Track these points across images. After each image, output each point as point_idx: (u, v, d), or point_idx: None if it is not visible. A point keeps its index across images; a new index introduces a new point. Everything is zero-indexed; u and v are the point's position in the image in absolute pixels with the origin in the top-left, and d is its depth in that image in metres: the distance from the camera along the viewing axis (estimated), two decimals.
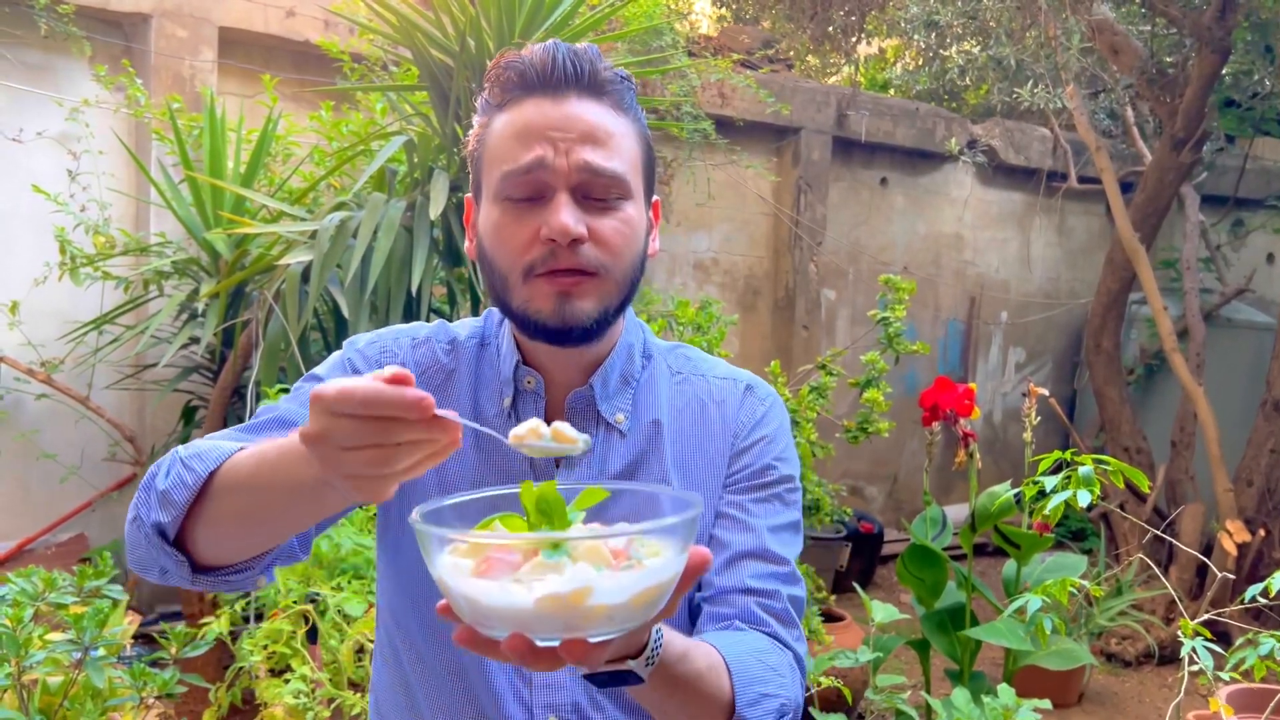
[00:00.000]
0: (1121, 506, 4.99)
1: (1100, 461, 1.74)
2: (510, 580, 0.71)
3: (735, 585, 1.08)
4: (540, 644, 0.72)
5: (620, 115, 1.06)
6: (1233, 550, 4.38)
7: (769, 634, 1.07)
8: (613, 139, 1.04)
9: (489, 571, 0.71)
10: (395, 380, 0.74)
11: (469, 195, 1.14)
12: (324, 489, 0.84)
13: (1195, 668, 1.52)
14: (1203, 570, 4.68)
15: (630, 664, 0.84)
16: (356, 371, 1.14)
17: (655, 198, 1.14)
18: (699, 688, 0.94)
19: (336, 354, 1.18)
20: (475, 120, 1.10)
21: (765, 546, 1.10)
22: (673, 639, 0.90)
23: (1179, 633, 1.58)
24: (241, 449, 0.94)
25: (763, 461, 1.14)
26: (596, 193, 1.03)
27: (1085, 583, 1.83)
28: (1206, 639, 1.53)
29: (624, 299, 1.07)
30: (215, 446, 0.96)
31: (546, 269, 1.01)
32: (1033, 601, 1.65)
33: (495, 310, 1.18)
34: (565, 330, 1.03)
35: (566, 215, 1.00)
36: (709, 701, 0.95)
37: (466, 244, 1.14)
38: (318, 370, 1.16)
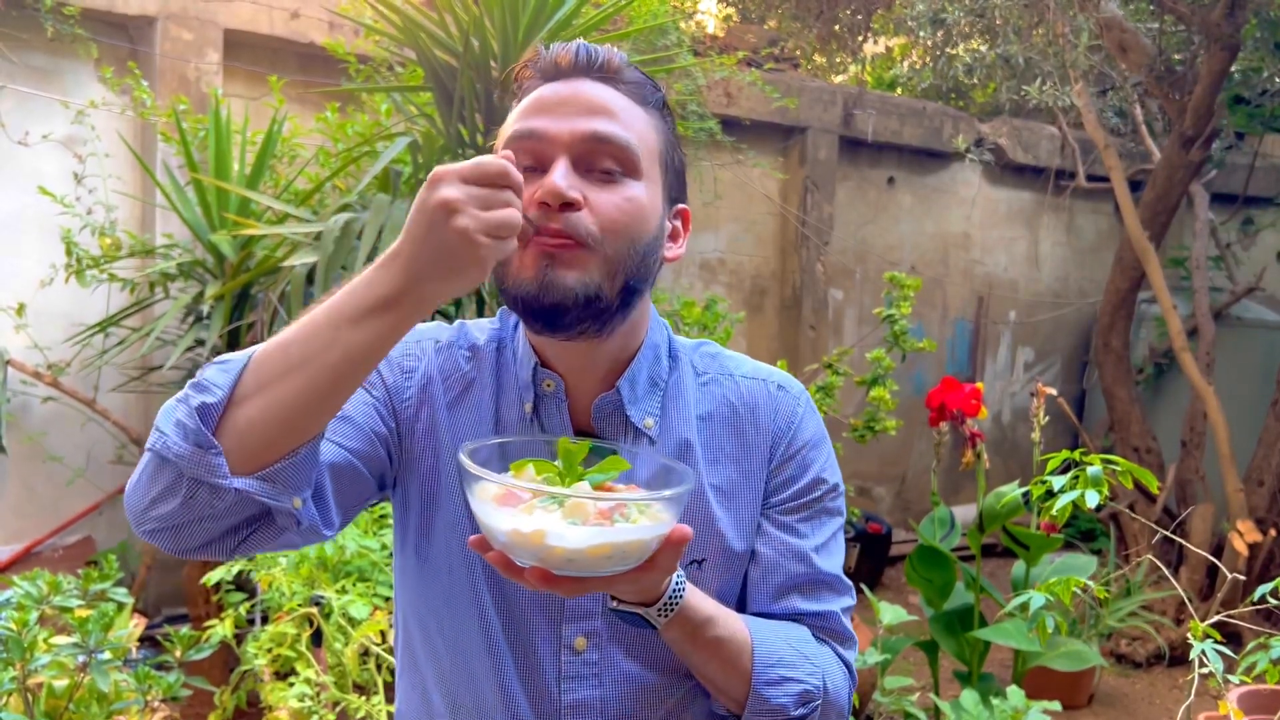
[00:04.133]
0: (1131, 507, 4.96)
1: (1109, 461, 1.72)
2: (506, 510, 0.86)
3: (788, 612, 1.10)
4: (519, 563, 0.87)
5: (638, 106, 1.04)
6: (1244, 550, 4.36)
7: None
8: (622, 114, 1.02)
9: (505, 502, 0.86)
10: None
11: None
12: (396, 304, 0.87)
13: (1205, 670, 1.51)
14: (1214, 571, 4.65)
15: (642, 610, 0.96)
16: (384, 377, 1.11)
17: (684, 206, 1.11)
18: (717, 652, 1.01)
19: None
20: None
21: (817, 568, 1.11)
22: (701, 603, 1.00)
23: (1189, 634, 1.56)
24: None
25: (809, 476, 1.12)
26: (600, 164, 0.99)
27: (1090, 583, 1.81)
28: (1216, 641, 1.51)
29: (622, 287, 1.00)
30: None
31: (534, 233, 0.96)
32: (1035, 598, 1.64)
33: (509, 311, 1.14)
34: (545, 305, 0.97)
35: (559, 177, 0.96)
36: (729, 669, 1.02)
37: None
38: None
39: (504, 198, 0.86)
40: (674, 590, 0.97)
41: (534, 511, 0.85)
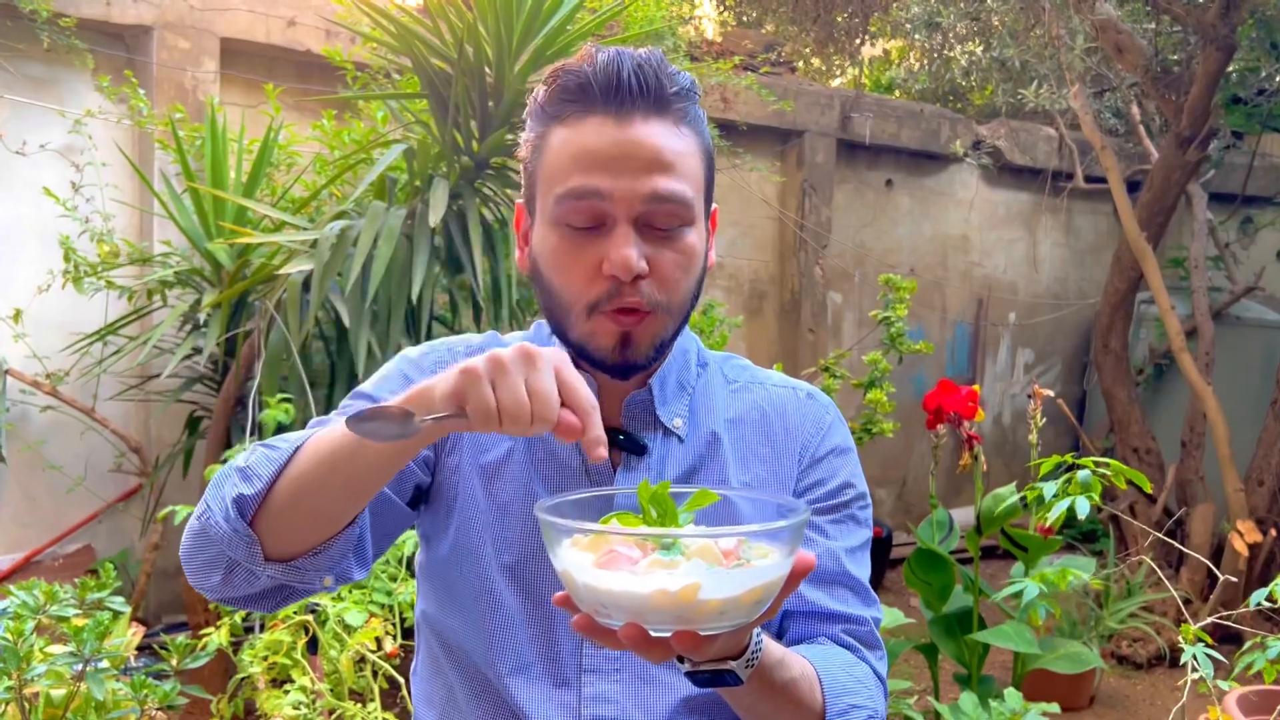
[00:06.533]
0: (1132, 507, 4.96)
1: (1101, 464, 1.72)
2: (628, 573, 0.75)
3: (818, 610, 1.10)
4: (654, 633, 0.76)
5: (684, 130, 1.02)
6: (1244, 551, 4.35)
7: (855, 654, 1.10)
8: (679, 161, 1.00)
9: (609, 564, 0.76)
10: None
11: (520, 202, 1.11)
12: (416, 442, 0.86)
13: (1198, 675, 1.51)
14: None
15: (731, 664, 0.87)
16: (412, 383, 1.12)
17: (714, 206, 1.11)
18: (792, 694, 0.96)
19: (390, 366, 1.16)
20: (528, 125, 1.07)
21: (845, 570, 1.11)
22: (771, 645, 0.93)
23: (1180, 637, 1.56)
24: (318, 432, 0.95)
25: (837, 480, 1.14)
26: (659, 222, 1.00)
27: (1085, 575, 1.82)
28: (1208, 644, 1.51)
29: (679, 326, 1.07)
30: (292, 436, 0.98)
31: (610, 307, 1.00)
32: (1030, 588, 1.64)
33: (544, 323, 1.16)
34: (624, 368, 1.04)
35: (630, 250, 0.97)
36: (801, 708, 0.98)
37: (516, 254, 1.12)
38: (366, 387, 1.14)
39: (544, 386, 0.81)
40: (757, 635, 0.90)
41: (675, 568, 0.75)
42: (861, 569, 1.13)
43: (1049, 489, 1.53)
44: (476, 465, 1.10)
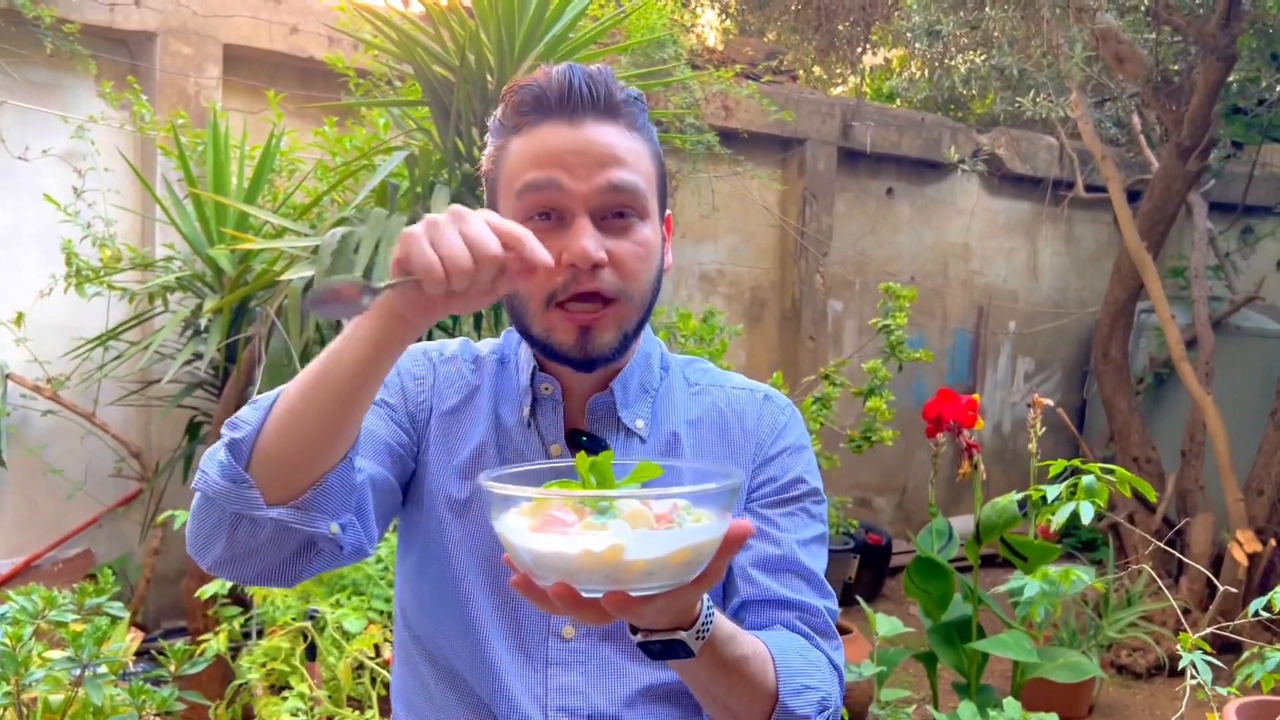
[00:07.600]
0: (1131, 517, 4.95)
1: (1107, 471, 1.73)
2: (558, 535, 0.77)
3: (771, 598, 1.12)
4: (585, 594, 0.79)
5: (634, 135, 1.08)
6: (1243, 560, 4.35)
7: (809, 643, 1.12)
8: (630, 157, 1.06)
9: (544, 529, 0.79)
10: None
11: None
12: (381, 334, 0.89)
13: (1196, 681, 1.51)
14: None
15: (682, 634, 0.88)
16: (402, 386, 1.17)
17: (668, 212, 1.16)
18: (745, 671, 0.96)
19: None
20: (490, 141, 1.11)
21: (797, 559, 1.13)
22: (722, 620, 0.94)
23: (1178, 645, 1.56)
24: None
25: (789, 475, 1.16)
26: (615, 211, 1.05)
27: (1086, 578, 1.82)
28: (1206, 652, 1.51)
29: (642, 320, 1.10)
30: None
31: (567, 295, 1.04)
32: (1030, 585, 1.64)
33: (514, 330, 1.20)
34: (587, 362, 1.07)
35: (588, 240, 1.02)
36: (754, 686, 0.98)
37: None
38: None
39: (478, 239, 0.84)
40: (708, 608, 0.90)
41: (601, 529, 0.77)
42: (815, 561, 1.15)
43: (1052, 491, 1.53)
44: (449, 465, 1.14)
